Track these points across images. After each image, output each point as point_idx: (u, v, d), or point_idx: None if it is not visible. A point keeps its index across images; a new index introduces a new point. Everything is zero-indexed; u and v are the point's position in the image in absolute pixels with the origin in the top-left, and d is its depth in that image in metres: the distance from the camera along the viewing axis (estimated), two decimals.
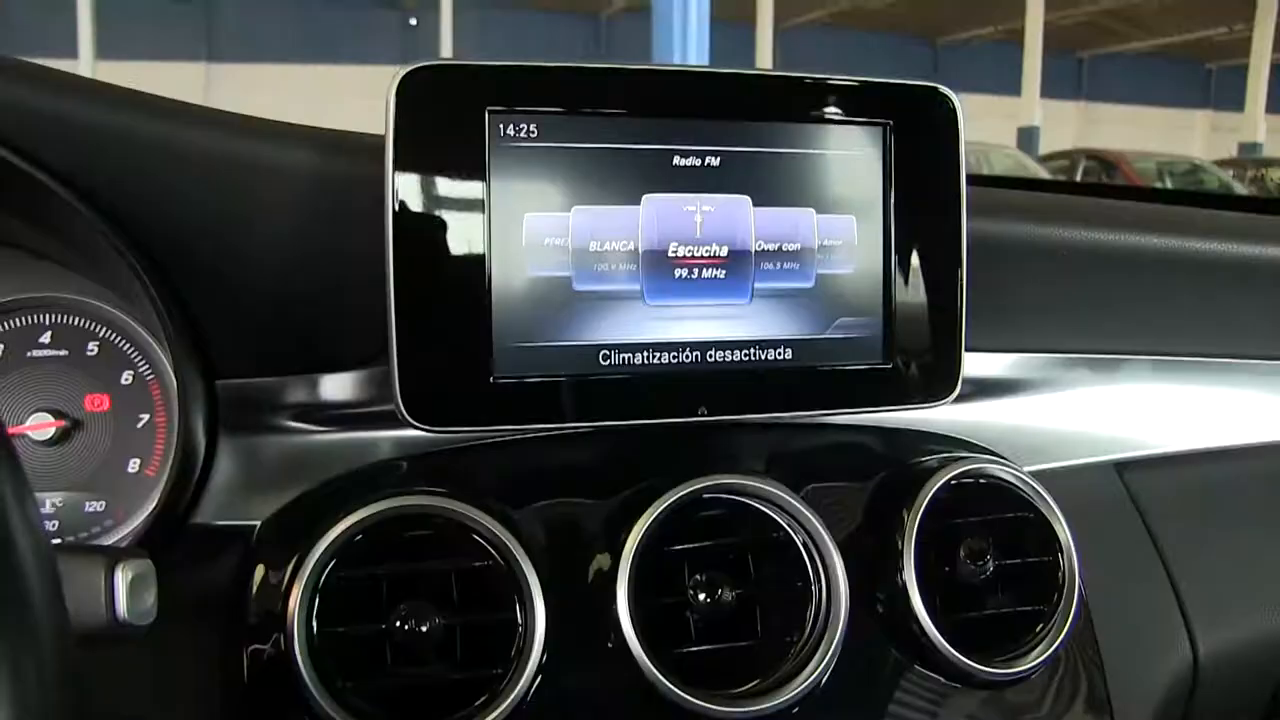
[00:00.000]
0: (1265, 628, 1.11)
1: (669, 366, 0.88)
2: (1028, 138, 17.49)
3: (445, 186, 0.83)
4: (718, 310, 0.89)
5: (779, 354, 0.90)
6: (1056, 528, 0.93)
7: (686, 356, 0.88)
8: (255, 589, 0.82)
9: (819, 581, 0.85)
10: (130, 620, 0.62)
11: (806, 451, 0.96)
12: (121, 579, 0.61)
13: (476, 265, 0.83)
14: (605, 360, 0.87)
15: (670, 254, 0.87)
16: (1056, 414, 1.12)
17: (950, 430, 1.04)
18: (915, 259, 0.94)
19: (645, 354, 0.87)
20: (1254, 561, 1.14)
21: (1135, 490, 1.13)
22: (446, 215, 0.83)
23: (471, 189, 0.83)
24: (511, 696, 0.78)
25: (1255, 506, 1.18)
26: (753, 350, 0.90)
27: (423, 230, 0.82)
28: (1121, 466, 1.14)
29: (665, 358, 0.88)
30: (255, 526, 0.86)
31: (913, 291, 0.94)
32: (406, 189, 0.82)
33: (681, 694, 0.80)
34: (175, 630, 0.81)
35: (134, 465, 0.91)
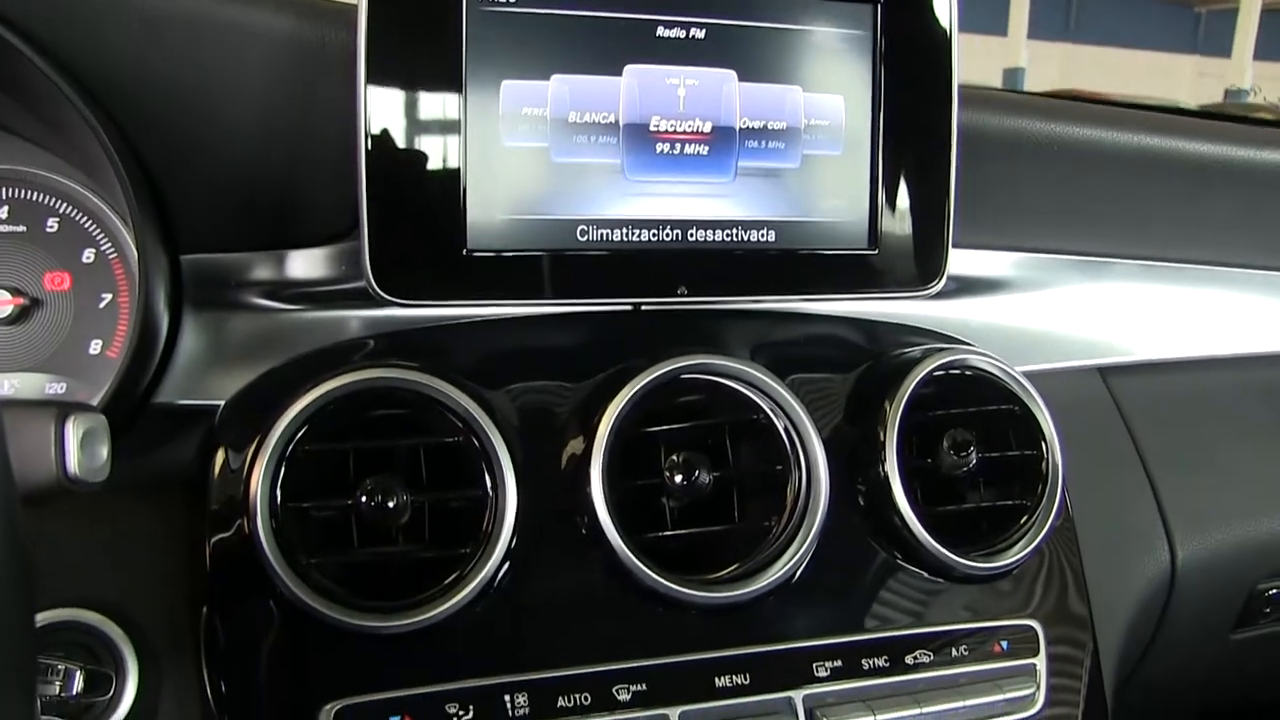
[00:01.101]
0: (1243, 535, 1.11)
1: (648, 244, 0.85)
2: (1013, 79, 17.38)
3: (419, 51, 0.79)
4: (700, 188, 0.86)
5: (762, 235, 0.88)
6: (1041, 422, 0.91)
7: (667, 235, 0.86)
8: (218, 466, 0.79)
9: (799, 467, 0.83)
10: (82, 477, 0.59)
11: (789, 341, 0.94)
12: (72, 433, 0.58)
13: (451, 134, 0.80)
14: (583, 236, 0.84)
15: (652, 128, 0.84)
16: (1042, 316, 1.10)
17: (934, 327, 1.02)
18: (904, 143, 0.91)
19: (624, 230, 0.85)
20: (1235, 471, 1.14)
21: (1119, 396, 1.12)
22: (420, 82, 0.79)
23: (447, 54, 0.80)
24: (480, 576, 0.75)
25: (1238, 417, 1.17)
26: (735, 230, 0.87)
27: (395, 97, 0.79)
28: (1106, 372, 1.13)
29: (645, 235, 0.85)
30: (220, 406, 0.83)
31: (900, 176, 0.91)
32: (379, 54, 0.78)
33: (656, 577, 0.78)
34: (139, 511, 0.80)
35: (96, 346, 0.88)
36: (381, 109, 0.79)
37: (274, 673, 0.76)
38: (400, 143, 0.79)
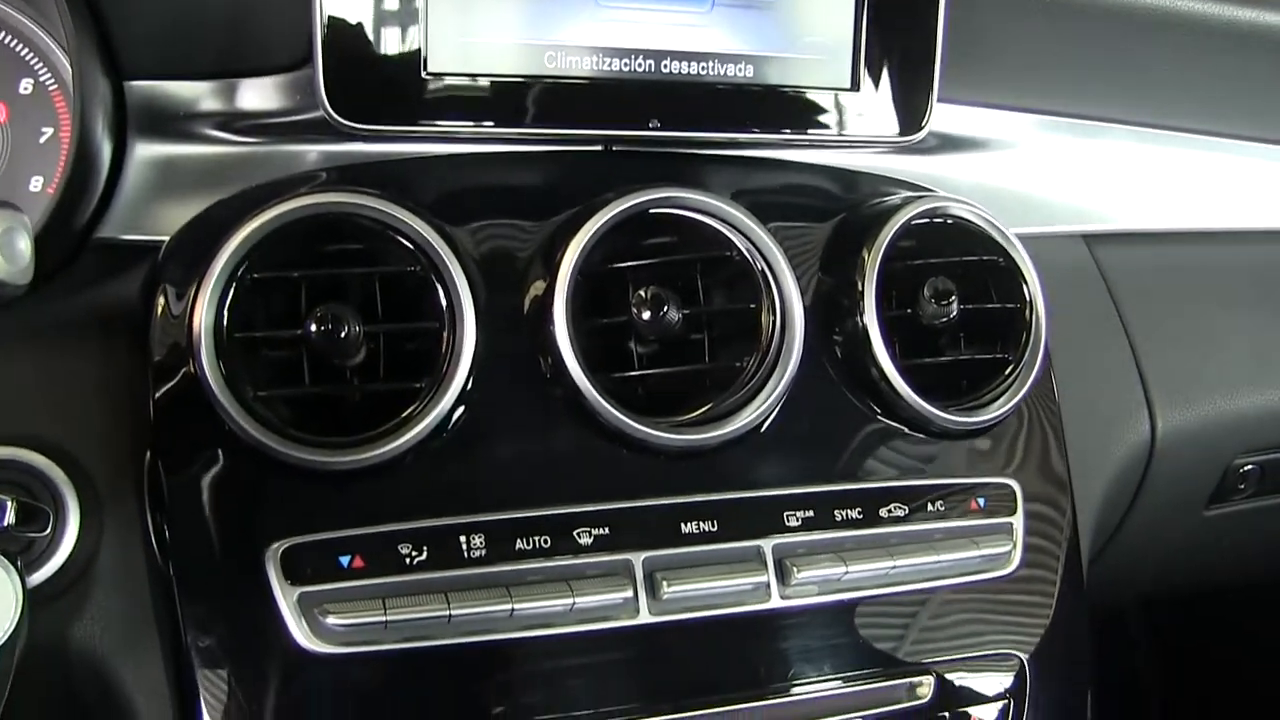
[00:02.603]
0: (1224, 409, 1.08)
1: (620, 74, 0.81)
2: None
3: None
4: (675, 17, 0.82)
5: (739, 69, 0.83)
6: (1025, 274, 0.88)
7: (639, 64, 0.81)
8: (161, 298, 0.75)
9: (773, 310, 0.79)
10: (1, 278, 0.55)
11: (765, 188, 0.89)
12: None
13: None
14: (551, 62, 0.79)
15: None
16: (1028, 178, 1.06)
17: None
18: None
19: (595, 58, 0.80)
20: (1218, 345, 1.11)
21: (1105, 265, 1.08)
22: None
23: None
24: (435, 411, 0.72)
25: (1224, 291, 1.14)
26: (711, 64, 0.83)
27: None
28: (1092, 239, 1.09)
29: (616, 64, 0.81)
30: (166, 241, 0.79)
31: (886, 12, 0.86)
32: None
33: (622, 418, 0.75)
34: (82, 351, 0.76)
35: (36, 183, 0.82)
36: None
37: (220, 513, 0.72)
38: None
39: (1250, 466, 1.14)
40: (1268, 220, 1.19)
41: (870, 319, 0.82)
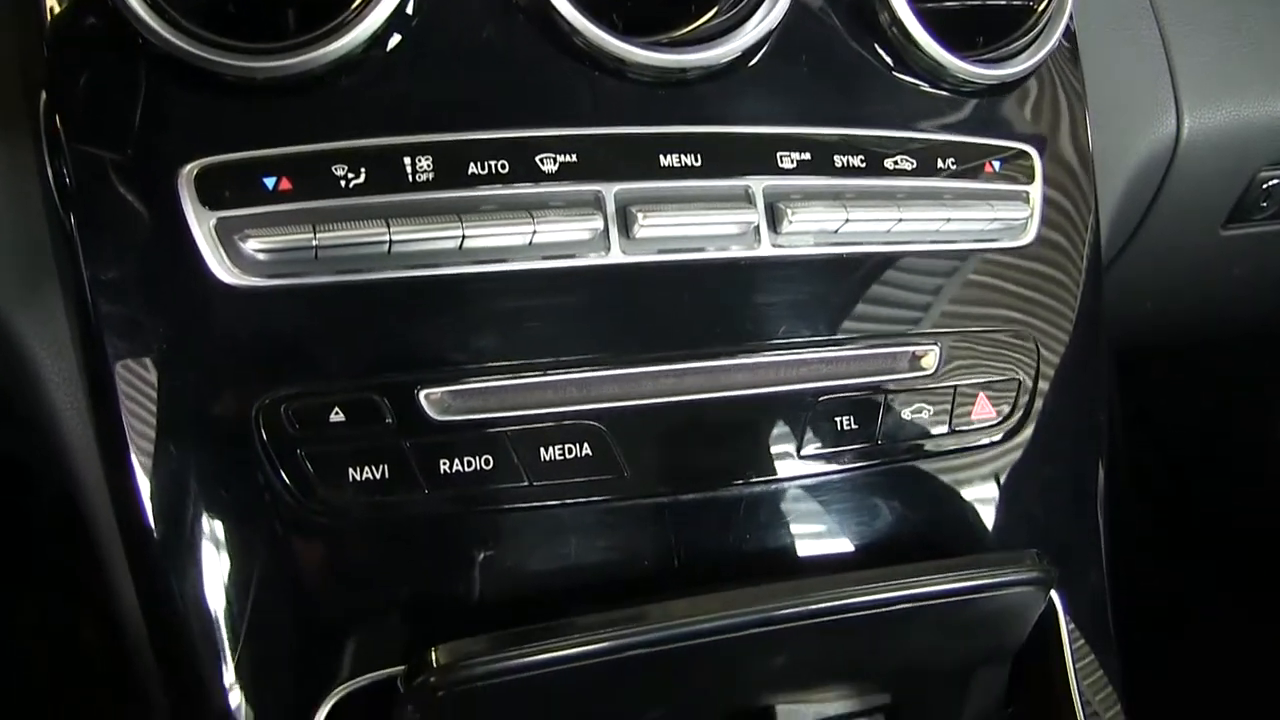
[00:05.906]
0: (1254, 113, 0.99)
1: None
2: None
3: None
4: None
5: None
6: None
7: None
8: None
9: None
10: None
11: None
12: None
13: None
14: None
15: None
16: None
17: None
18: None
19: None
20: (1255, 43, 1.00)
21: None
22: None
23: None
24: (373, 15, 0.61)
25: None
26: None
27: None
28: None
29: None
30: None
31: None
32: None
33: (597, 31, 0.65)
34: None
35: None
36: None
37: (123, 136, 0.61)
38: None
39: (1275, 181, 1.06)
40: None
41: None
